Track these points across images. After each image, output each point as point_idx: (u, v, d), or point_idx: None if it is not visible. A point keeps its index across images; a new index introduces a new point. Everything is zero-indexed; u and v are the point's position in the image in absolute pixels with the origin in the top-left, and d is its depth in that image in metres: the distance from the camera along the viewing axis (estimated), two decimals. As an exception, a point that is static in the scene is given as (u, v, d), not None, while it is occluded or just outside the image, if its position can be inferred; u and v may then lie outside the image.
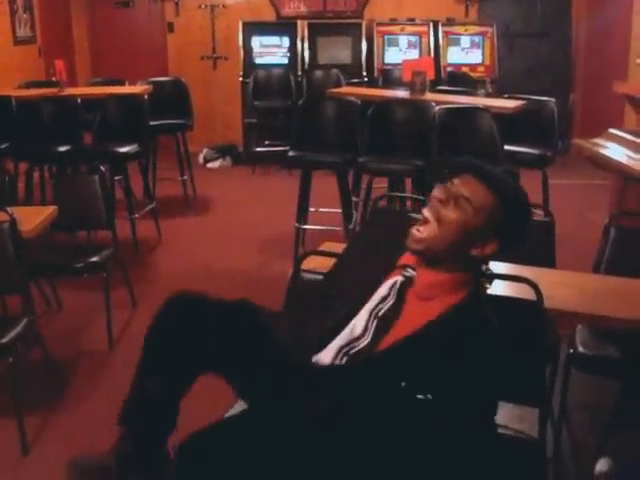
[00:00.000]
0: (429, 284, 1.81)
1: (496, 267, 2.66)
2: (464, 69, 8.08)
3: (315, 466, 1.70)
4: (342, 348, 1.81)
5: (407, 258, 1.87)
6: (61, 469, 2.74)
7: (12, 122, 5.48)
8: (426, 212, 1.81)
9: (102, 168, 4.31)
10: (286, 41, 8.16)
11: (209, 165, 8.14)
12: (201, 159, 8.14)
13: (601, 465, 2.18)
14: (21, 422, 2.98)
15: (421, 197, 3.63)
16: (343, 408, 1.74)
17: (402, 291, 1.82)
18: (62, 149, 5.32)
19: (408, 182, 5.14)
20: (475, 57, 8.16)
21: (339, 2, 8.48)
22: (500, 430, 2.22)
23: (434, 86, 6.52)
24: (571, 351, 2.78)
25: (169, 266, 5.12)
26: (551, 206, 4.71)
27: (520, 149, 5.03)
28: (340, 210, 5.02)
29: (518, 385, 2.32)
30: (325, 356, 1.85)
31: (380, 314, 1.81)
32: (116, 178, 5.75)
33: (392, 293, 1.83)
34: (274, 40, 8.19)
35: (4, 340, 2.90)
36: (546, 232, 3.18)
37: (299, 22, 8.13)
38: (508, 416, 2.54)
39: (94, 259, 3.85)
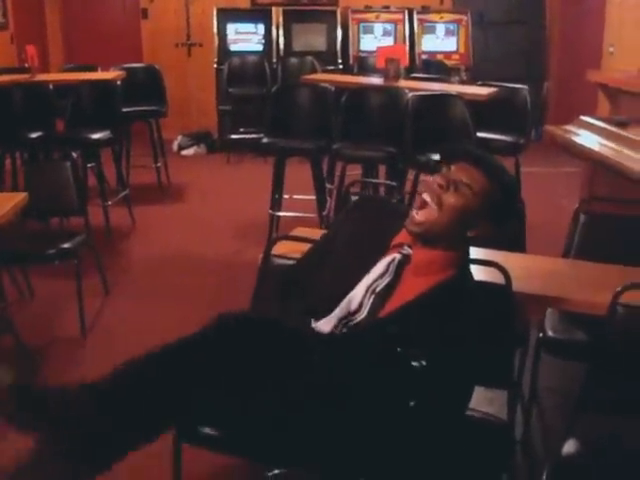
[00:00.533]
0: (426, 261, 1.92)
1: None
2: (439, 57, 8.10)
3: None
4: (341, 320, 1.90)
5: (402, 237, 1.96)
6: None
7: (-18, 109, 5.40)
8: (426, 196, 1.90)
9: (74, 155, 4.29)
10: (261, 28, 8.13)
11: (183, 152, 8.10)
12: (175, 146, 8.09)
13: (568, 446, 2.21)
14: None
15: (393, 183, 3.64)
16: (339, 375, 1.80)
17: (399, 268, 1.92)
18: (34, 135, 5.25)
19: (382, 169, 5.16)
20: (450, 45, 8.18)
21: (309, -12, 8.45)
22: (469, 412, 2.26)
23: (409, 73, 6.55)
24: (540, 335, 2.81)
25: (142, 253, 5.10)
26: (523, 193, 4.75)
27: (493, 136, 5.05)
28: (314, 197, 5.02)
29: (488, 368, 2.35)
30: (325, 325, 1.93)
31: (377, 290, 1.91)
32: (89, 165, 5.70)
33: (390, 270, 1.92)
34: (249, 27, 8.16)
35: (-27, 327, 2.87)
36: (517, 218, 3.21)
37: (274, 9, 8.09)
38: (478, 399, 2.57)
39: (65, 245, 3.82)
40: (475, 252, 2.69)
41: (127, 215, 5.60)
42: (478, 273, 2.42)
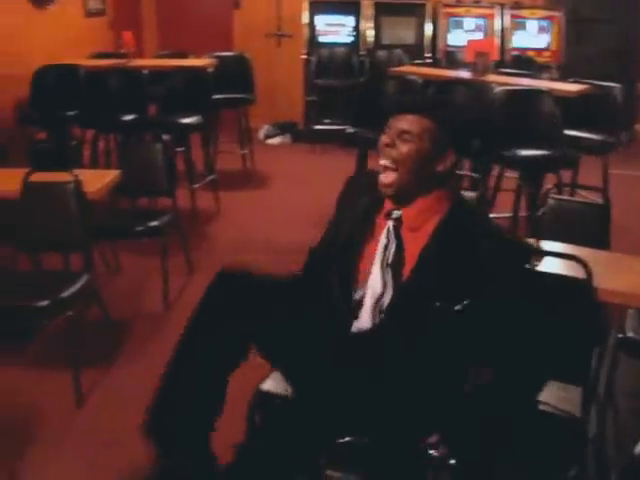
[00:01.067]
0: (415, 214, 2.00)
1: (549, 246, 2.68)
2: (530, 53, 7.95)
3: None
4: (374, 308, 1.96)
5: (387, 206, 2.03)
6: (112, 421, 2.89)
7: (80, 91, 5.63)
8: (382, 161, 2.02)
9: (165, 138, 4.42)
10: (350, 20, 8.15)
11: (269, 141, 8.22)
12: (261, 135, 8.22)
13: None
14: (77, 376, 3.12)
15: (476, 175, 3.63)
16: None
17: (398, 232, 2.00)
18: (127, 118, 5.47)
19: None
20: (541, 42, 8.01)
21: (406, -18, 8.42)
22: (542, 406, 2.26)
23: (498, 69, 6.47)
24: (620, 335, 2.77)
25: (226, 236, 5.23)
26: (611, 193, 4.67)
27: (582, 134, 4.96)
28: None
29: (564, 364, 2.35)
30: (364, 322, 1.98)
31: (390, 261, 1.98)
32: (178, 149, 5.86)
33: (391, 238, 2.00)
34: (339, 19, 8.19)
35: (65, 294, 3.03)
36: (602, 216, 3.17)
37: (364, 2, 8.10)
38: (552, 394, 2.57)
39: (154, 223, 3.98)
40: (557, 247, 2.70)
41: (213, 199, 5.74)
42: (560, 267, 2.42)
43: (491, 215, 4.62)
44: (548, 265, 2.45)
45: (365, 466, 1.87)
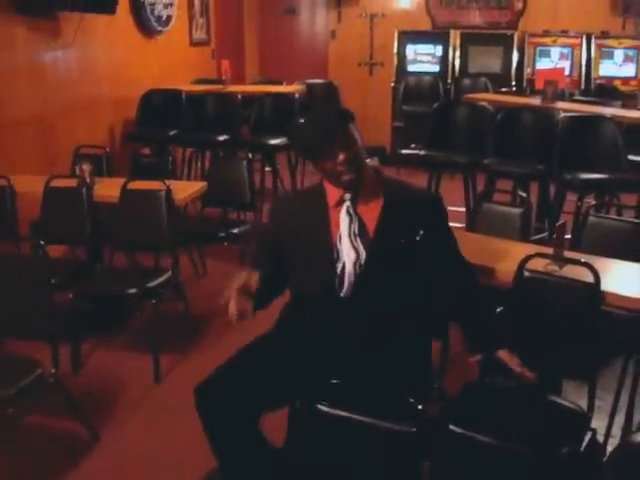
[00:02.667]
0: (363, 191, 2.45)
1: (577, 256, 2.92)
2: (616, 82, 8.07)
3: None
4: (355, 270, 2.40)
5: (334, 195, 2.46)
6: (186, 396, 3.35)
7: (181, 113, 6.24)
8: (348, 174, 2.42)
9: (250, 156, 4.90)
10: (439, 49, 8.51)
11: (357, 164, 8.62)
12: (350, 158, 8.63)
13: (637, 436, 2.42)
14: (156, 356, 3.60)
15: (524, 194, 3.89)
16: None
17: (355, 209, 2.43)
18: (221, 138, 6.00)
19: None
20: (628, 71, 8.12)
21: (494, 13, 8.72)
22: (553, 398, 2.54)
23: (580, 97, 6.66)
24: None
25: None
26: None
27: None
28: (464, 209, 5.33)
29: (573, 361, 2.62)
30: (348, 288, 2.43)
31: (356, 232, 2.42)
32: (267, 169, 6.36)
33: (352, 215, 2.43)
34: (428, 48, 8.57)
35: (150, 284, 3.53)
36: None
37: (452, 32, 8.46)
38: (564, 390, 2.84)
39: (234, 230, 4.45)
40: (586, 258, 2.93)
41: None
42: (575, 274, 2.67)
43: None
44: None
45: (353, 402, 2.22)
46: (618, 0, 8.27)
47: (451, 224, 5.14)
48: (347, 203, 2.45)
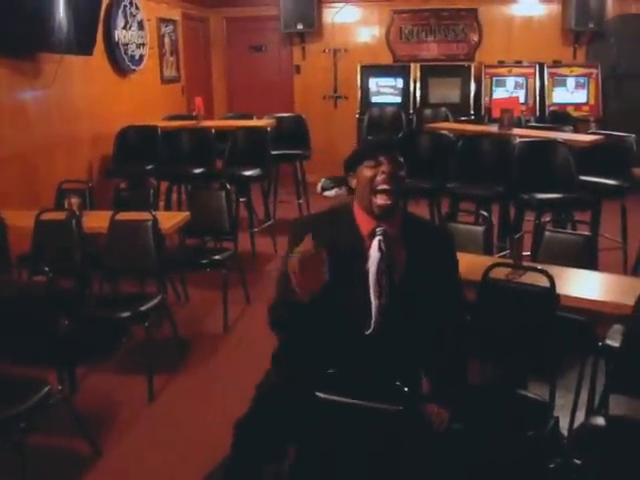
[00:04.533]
0: (397, 227, 2.47)
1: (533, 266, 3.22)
2: (569, 108, 8.53)
3: None
4: (379, 311, 2.41)
5: (367, 225, 2.46)
6: (179, 412, 3.58)
7: (157, 148, 6.49)
8: (385, 186, 2.43)
9: (229, 187, 5.16)
10: (400, 82, 8.91)
11: (326, 193, 8.93)
12: (319, 188, 8.95)
13: (593, 419, 2.72)
14: (150, 377, 3.82)
15: (485, 214, 4.22)
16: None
17: (387, 243, 2.43)
18: (197, 171, 6.25)
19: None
20: (580, 97, 8.60)
21: (452, 46, 9.17)
22: (520, 391, 2.83)
23: (535, 123, 7.06)
24: (600, 344, 3.28)
25: (281, 274, 5.90)
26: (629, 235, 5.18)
27: (599, 180, 5.48)
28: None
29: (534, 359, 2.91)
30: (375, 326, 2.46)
31: (384, 270, 2.41)
32: (241, 200, 6.62)
33: (383, 252, 2.42)
34: (389, 81, 8.97)
35: (142, 308, 3.77)
36: (590, 245, 3.71)
37: (412, 65, 8.88)
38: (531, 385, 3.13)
39: (217, 257, 4.71)
40: (543, 267, 3.24)
41: (271, 242, 6.45)
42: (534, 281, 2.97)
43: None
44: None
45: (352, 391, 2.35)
46: (568, 30, 8.75)
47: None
48: (379, 237, 2.43)
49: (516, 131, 5.75)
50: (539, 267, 2.96)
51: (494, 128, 5.93)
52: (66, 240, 4.15)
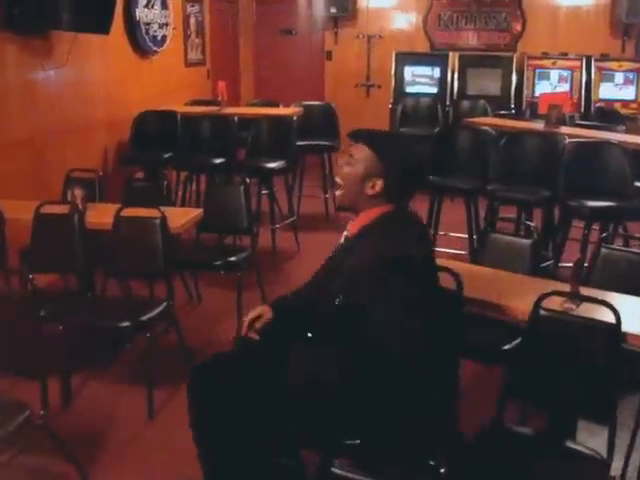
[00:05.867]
0: (357, 224, 2.44)
1: (591, 292, 2.79)
2: (616, 105, 8.00)
3: None
4: None
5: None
6: (180, 433, 3.18)
7: (176, 135, 6.11)
8: (336, 178, 2.50)
9: (247, 180, 4.76)
10: (437, 71, 8.43)
11: (354, 186, 8.51)
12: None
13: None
14: (150, 391, 3.44)
15: (531, 224, 3.77)
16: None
17: (345, 241, 2.50)
18: (217, 161, 5.87)
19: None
20: (628, 93, 8.06)
21: (493, 35, 8.66)
22: (569, 444, 2.40)
23: (583, 120, 6.58)
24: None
25: (302, 275, 5.41)
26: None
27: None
28: (466, 235, 5.21)
29: (590, 403, 2.48)
30: None
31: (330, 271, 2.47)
32: (263, 192, 6.23)
33: (335, 249, 2.57)
34: (426, 70, 8.49)
35: (144, 317, 3.38)
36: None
37: (451, 54, 8.38)
38: (580, 432, 2.69)
39: (232, 258, 4.31)
40: (599, 293, 2.81)
41: (293, 239, 6.05)
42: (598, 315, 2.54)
43: (560, 264, 4.75)
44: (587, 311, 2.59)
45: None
46: (618, 23, 8.22)
47: (455, 251, 5.04)
48: (344, 233, 2.60)
49: (564, 130, 5.27)
50: (600, 298, 2.52)
51: (540, 125, 5.44)
52: (67, 236, 3.77)
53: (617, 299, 2.63)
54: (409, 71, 8.51)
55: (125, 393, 3.62)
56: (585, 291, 2.79)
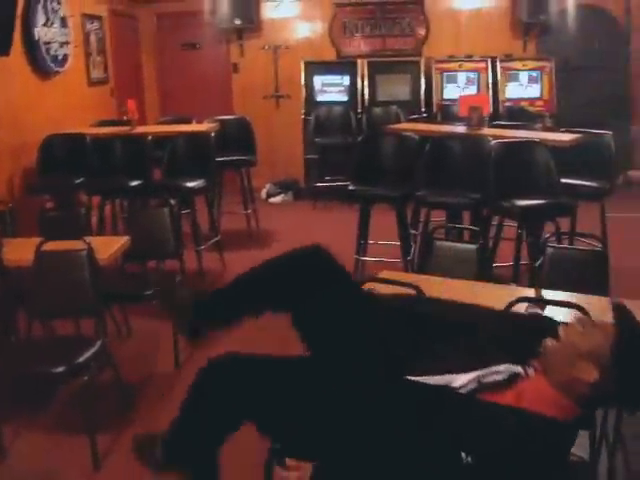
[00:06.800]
0: (535, 390, 1.85)
1: (549, 294, 2.76)
2: (523, 104, 8.16)
3: None
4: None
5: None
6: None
7: (86, 159, 5.79)
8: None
9: (171, 202, 4.54)
10: (346, 79, 8.37)
11: (271, 200, 8.37)
12: (264, 194, 8.37)
13: None
14: (93, 439, 3.17)
15: (476, 228, 3.72)
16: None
17: (514, 379, 1.88)
18: (133, 184, 5.59)
19: (466, 216, 5.23)
20: (533, 92, 8.24)
21: (398, 41, 8.69)
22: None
23: (492, 121, 6.64)
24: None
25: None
26: (609, 237, 4.76)
27: (578, 182, 5.07)
28: (399, 243, 5.13)
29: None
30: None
31: (484, 382, 1.88)
32: (183, 212, 5.98)
33: (507, 375, 1.88)
34: (335, 79, 8.42)
35: (80, 360, 3.11)
36: (600, 262, 3.25)
37: (359, 61, 8.35)
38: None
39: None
40: (557, 295, 2.77)
41: (219, 259, 5.84)
42: (558, 314, 2.50)
43: (494, 265, 4.73)
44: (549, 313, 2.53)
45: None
46: (519, 23, 8.40)
47: (388, 260, 4.91)
48: (522, 371, 1.98)
49: (487, 131, 5.27)
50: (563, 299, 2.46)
51: (462, 128, 5.43)
52: (-17, 276, 3.46)
53: (581, 299, 2.58)
54: (318, 80, 8.42)
55: (64, 442, 3.34)
56: (545, 293, 2.75)
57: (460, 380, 1.91)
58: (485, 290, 2.92)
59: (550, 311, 2.54)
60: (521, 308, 2.54)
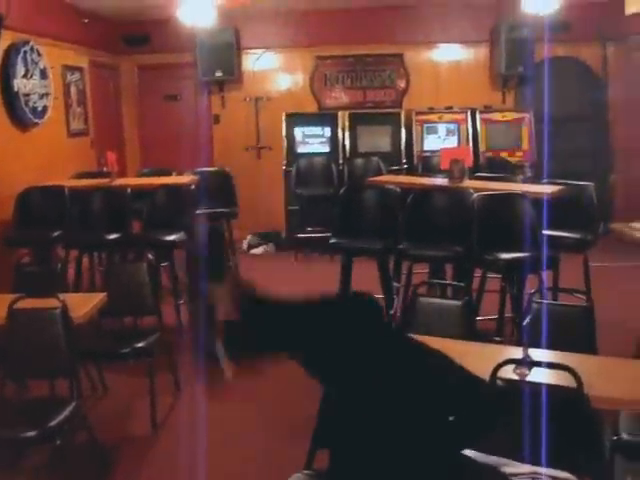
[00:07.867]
0: None
1: (536, 354, 2.69)
2: (503, 154, 8.20)
3: None
4: None
5: None
6: None
7: (64, 211, 5.70)
8: None
9: (150, 256, 4.46)
10: (327, 131, 8.39)
11: (253, 251, 8.29)
12: (245, 245, 8.30)
13: None
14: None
15: (461, 284, 3.67)
16: None
17: None
18: (111, 237, 5.50)
19: (449, 268, 5.19)
20: (513, 142, 8.29)
21: (379, 93, 8.76)
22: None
23: (473, 172, 6.65)
24: (615, 438, 2.75)
25: (212, 351, 5.18)
26: (593, 289, 4.73)
27: (560, 233, 5.05)
28: (381, 295, 5.06)
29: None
30: None
31: None
32: (162, 265, 5.89)
33: None
34: (316, 130, 8.44)
35: (52, 423, 2.99)
36: (586, 317, 3.21)
37: (340, 113, 8.38)
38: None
39: (140, 344, 3.96)
40: (545, 355, 2.71)
41: (198, 313, 5.73)
42: (549, 376, 2.43)
43: (477, 318, 4.67)
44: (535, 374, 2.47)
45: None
46: (497, 75, 8.50)
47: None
48: None
49: (469, 183, 5.26)
50: (558, 362, 2.39)
51: (444, 181, 5.42)
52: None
53: (570, 359, 2.52)
54: (299, 131, 8.43)
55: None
56: (532, 352, 2.68)
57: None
58: (472, 349, 2.85)
59: (537, 373, 2.48)
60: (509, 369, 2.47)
